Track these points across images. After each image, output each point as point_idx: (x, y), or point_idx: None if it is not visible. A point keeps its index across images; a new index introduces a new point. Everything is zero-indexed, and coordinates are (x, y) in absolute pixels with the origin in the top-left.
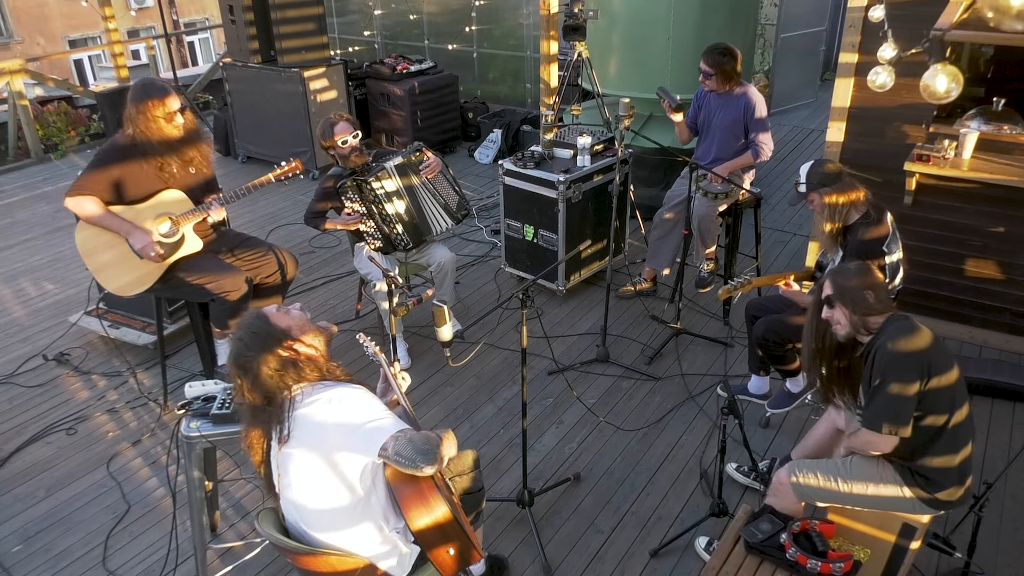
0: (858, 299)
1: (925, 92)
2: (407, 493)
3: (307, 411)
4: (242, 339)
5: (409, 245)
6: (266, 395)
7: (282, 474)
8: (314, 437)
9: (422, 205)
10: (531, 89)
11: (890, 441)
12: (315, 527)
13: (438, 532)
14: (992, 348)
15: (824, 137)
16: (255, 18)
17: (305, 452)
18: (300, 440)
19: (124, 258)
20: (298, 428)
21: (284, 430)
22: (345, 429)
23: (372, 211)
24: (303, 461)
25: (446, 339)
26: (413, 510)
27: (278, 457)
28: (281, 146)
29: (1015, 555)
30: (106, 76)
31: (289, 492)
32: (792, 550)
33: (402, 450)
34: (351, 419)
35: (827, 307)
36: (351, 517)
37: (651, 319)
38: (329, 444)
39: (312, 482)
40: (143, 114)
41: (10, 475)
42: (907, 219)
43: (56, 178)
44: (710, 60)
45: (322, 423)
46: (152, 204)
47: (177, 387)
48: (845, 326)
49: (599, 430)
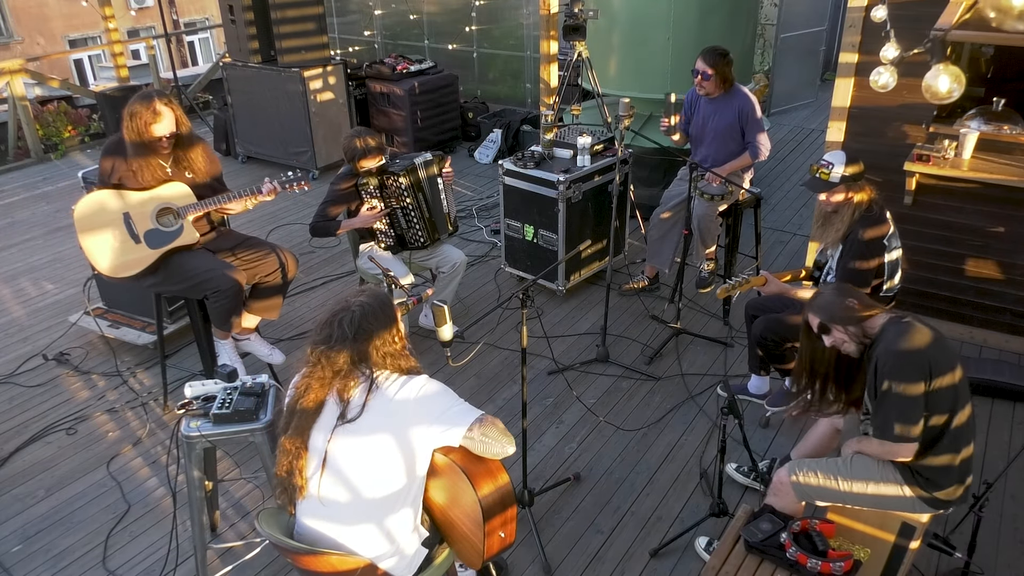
0: (846, 312)
1: (927, 92)
2: (476, 469)
3: (389, 398)
4: (371, 307)
5: (426, 243)
6: (350, 367)
7: (328, 458)
8: (392, 419)
9: (441, 205)
10: (531, 89)
11: (909, 447)
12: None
13: (500, 504)
14: (992, 348)
15: (824, 137)
16: (255, 18)
17: (373, 436)
18: (372, 425)
19: (118, 241)
20: (372, 414)
21: (353, 411)
22: (430, 411)
23: (393, 207)
24: (366, 445)
25: (446, 339)
26: (485, 483)
27: (331, 436)
28: (281, 146)
29: (1015, 555)
30: (106, 76)
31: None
32: (792, 549)
33: (489, 432)
34: (437, 402)
35: (825, 336)
36: (386, 508)
37: (651, 319)
38: (409, 423)
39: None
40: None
41: (10, 475)
42: (907, 219)
43: (56, 178)
44: (710, 61)
45: (405, 403)
46: (153, 195)
47: (177, 387)
48: (851, 342)
49: (599, 430)
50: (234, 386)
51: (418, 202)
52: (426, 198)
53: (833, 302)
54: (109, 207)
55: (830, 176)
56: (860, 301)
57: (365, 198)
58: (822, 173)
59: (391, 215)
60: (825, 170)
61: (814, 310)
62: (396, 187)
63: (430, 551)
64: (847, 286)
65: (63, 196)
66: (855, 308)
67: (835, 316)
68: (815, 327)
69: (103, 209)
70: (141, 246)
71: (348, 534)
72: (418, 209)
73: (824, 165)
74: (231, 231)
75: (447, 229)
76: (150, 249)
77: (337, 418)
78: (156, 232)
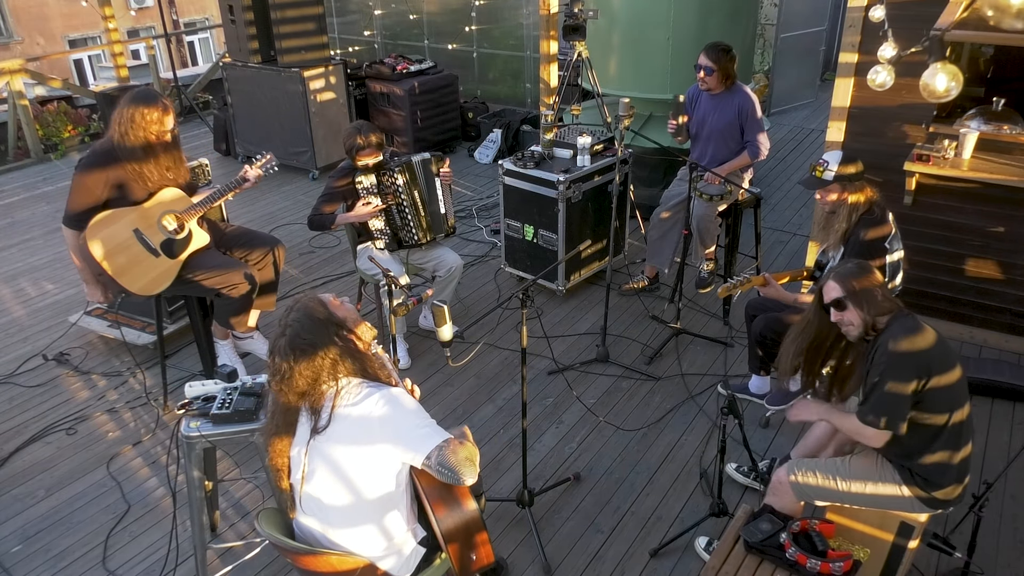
0: (871, 299)
1: (925, 91)
2: (440, 495)
3: (354, 410)
4: (300, 322)
5: (421, 241)
6: (311, 385)
7: (308, 466)
8: (358, 433)
9: (437, 205)
10: (531, 89)
11: (881, 436)
12: (335, 522)
13: (465, 531)
14: (992, 348)
15: (824, 137)
16: (255, 18)
17: (344, 447)
18: (340, 435)
19: (140, 259)
20: (340, 423)
21: (322, 420)
22: (393, 431)
23: (389, 204)
24: (340, 455)
25: (446, 339)
26: (445, 511)
27: (306, 448)
28: (281, 146)
29: (1015, 555)
30: (106, 76)
31: (311, 485)
32: (792, 550)
33: (446, 462)
34: (400, 422)
35: (837, 309)
36: (375, 511)
37: (651, 319)
38: (374, 440)
39: (344, 476)
40: (132, 120)
41: (10, 475)
42: (907, 219)
43: (56, 178)
44: (713, 56)
45: (369, 420)
46: (153, 204)
47: (177, 387)
48: (858, 327)
49: (599, 430)
50: (234, 386)
51: (413, 200)
52: (422, 196)
53: (865, 286)
54: (119, 227)
55: (824, 174)
56: (885, 295)
57: (362, 194)
58: (818, 171)
59: (386, 211)
60: (821, 168)
61: (839, 279)
62: (392, 184)
63: (429, 551)
64: (869, 265)
65: (63, 196)
66: (879, 300)
67: (859, 298)
68: (830, 297)
69: (115, 231)
70: (162, 258)
71: (343, 535)
72: (413, 207)
73: (821, 163)
74: (229, 225)
75: (443, 229)
76: (170, 259)
77: (311, 430)
78: (169, 241)
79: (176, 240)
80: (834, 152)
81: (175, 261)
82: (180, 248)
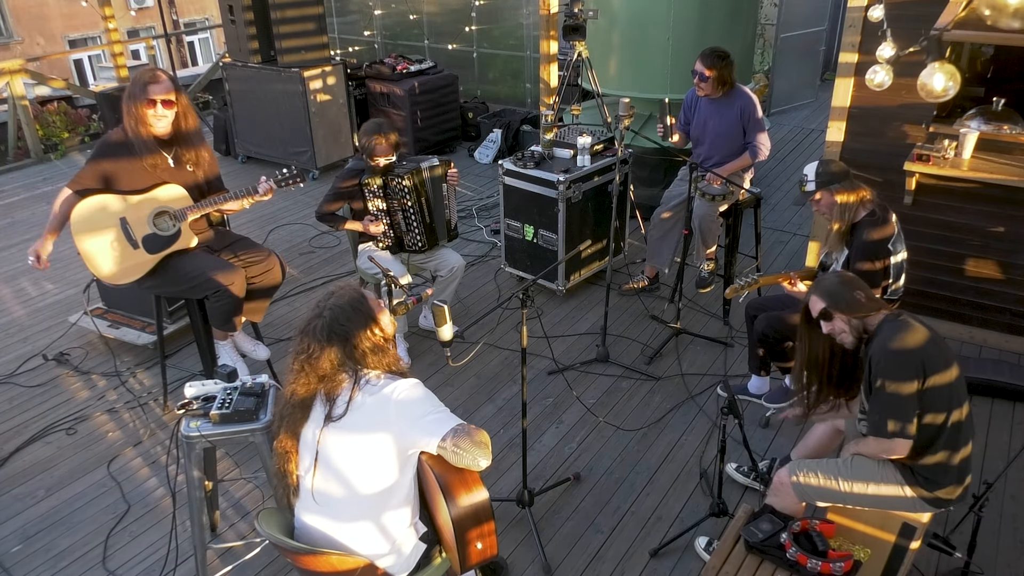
0: (852, 302)
1: (923, 90)
2: (452, 479)
3: (371, 398)
4: (342, 308)
5: (424, 247)
6: (334, 370)
7: (319, 455)
8: (375, 419)
9: (443, 211)
10: (531, 89)
11: (903, 444)
12: (342, 516)
13: (475, 517)
14: (992, 348)
15: (824, 137)
16: (255, 18)
17: (359, 435)
18: (356, 424)
19: (116, 247)
20: (357, 412)
21: (339, 409)
22: (410, 416)
23: (395, 208)
24: (353, 443)
25: (446, 339)
26: (460, 492)
27: (319, 436)
28: (281, 146)
29: (1015, 555)
30: (106, 76)
31: (320, 477)
32: (792, 550)
33: (461, 443)
34: (416, 408)
35: (825, 321)
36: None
37: (651, 319)
38: (389, 426)
39: (355, 465)
40: (130, 115)
41: (10, 475)
42: (907, 219)
43: (56, 178)
44: (709, 63)
45: (386, 407)
46: (149, 197)
47: (177, 387)
48: (849, 332)
49: (599, 430)
50: (234, 386)
51: (420, 206)
52: (428, 202)
53: (840, 290)
54: (106, 212)
55: (806, 186)
56: (866, 294)
57: (368, 197)
58: (801, 186)
59: (391, 215)
60: (802, 182)
61: (819, 294)
62: (399, 188)
63: (429, 548)
64: (852, 276)
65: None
66: (862, 301)
67: (840, 304)
68: (816, 311)
69: (100, 214)
70: (140, 251)
71: (345, 531)
72: (419, 213)
73: (802, 178)
74: (229, 231)
75: (446, 236)
76: (148, 254)
77: (324, 418)
78: (154, 236)
79: (161, 237)
80: (811, 164)
81: (151, 257)
82: (163, 246)
